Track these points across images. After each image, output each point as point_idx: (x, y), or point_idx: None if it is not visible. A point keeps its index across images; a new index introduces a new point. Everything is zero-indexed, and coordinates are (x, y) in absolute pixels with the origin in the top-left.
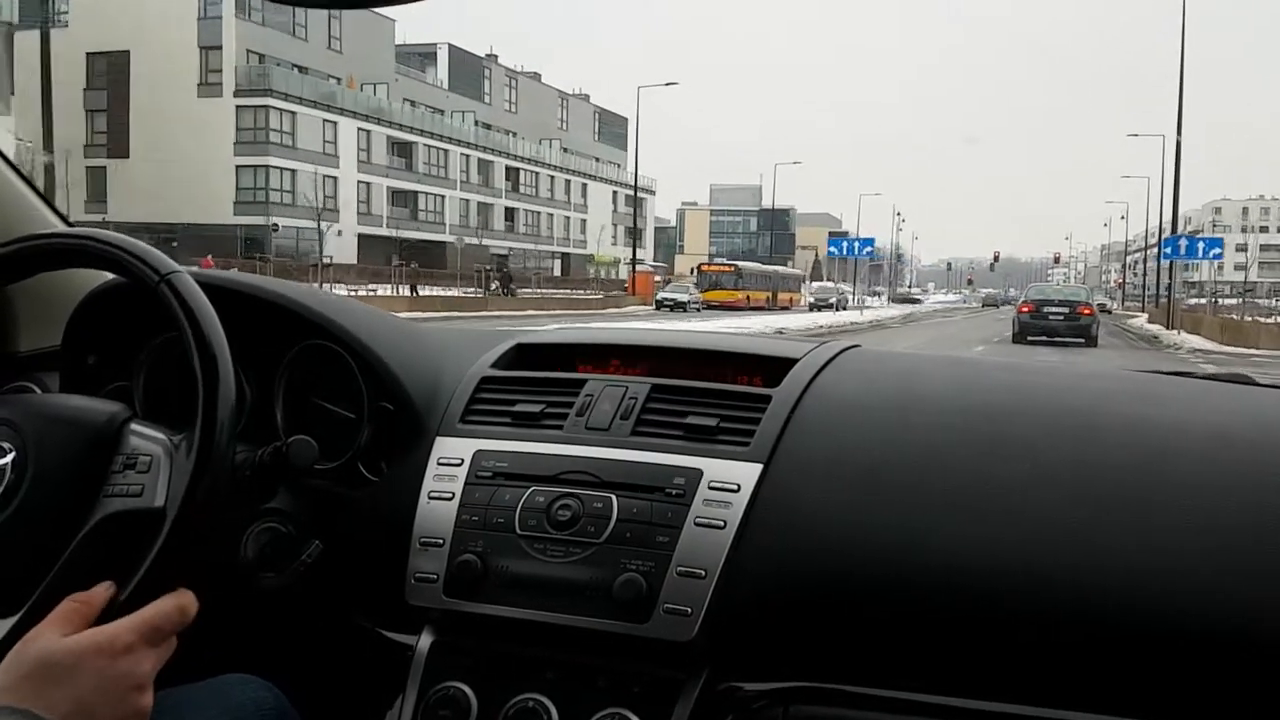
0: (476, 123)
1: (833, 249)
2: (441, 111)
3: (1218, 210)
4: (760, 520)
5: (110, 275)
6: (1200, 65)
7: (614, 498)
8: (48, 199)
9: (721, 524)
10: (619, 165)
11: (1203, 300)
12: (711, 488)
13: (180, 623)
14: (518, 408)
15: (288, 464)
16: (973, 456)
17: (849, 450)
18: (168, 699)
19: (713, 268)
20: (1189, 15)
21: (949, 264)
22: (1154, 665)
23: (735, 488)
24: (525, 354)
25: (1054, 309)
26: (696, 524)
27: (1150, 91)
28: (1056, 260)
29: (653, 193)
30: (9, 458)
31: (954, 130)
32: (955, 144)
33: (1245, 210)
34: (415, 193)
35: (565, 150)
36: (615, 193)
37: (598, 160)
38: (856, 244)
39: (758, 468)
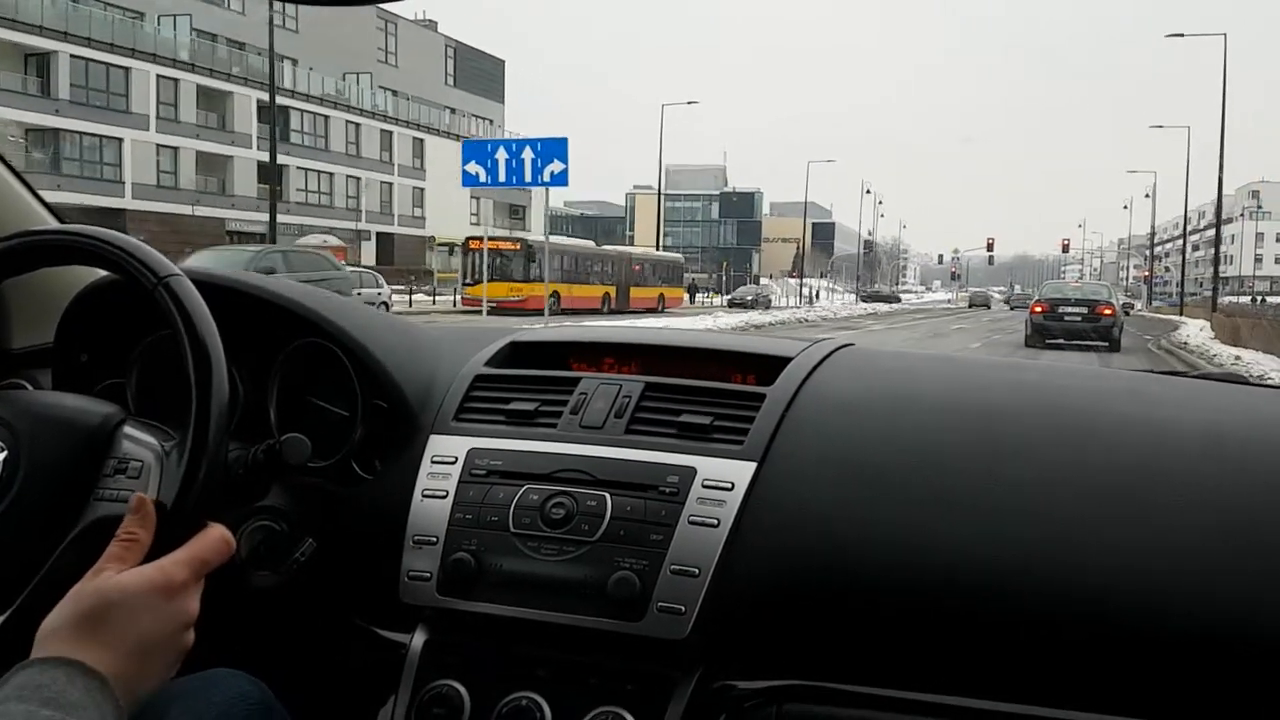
0: (197, 33)
1: (470, 158)
2: (139, 15)
3: (1255, 194)
4: (754, 518)
5: (103, 272)
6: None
7: (608, 496)
8: (40, 196)
9: (715, 522)
10: (491, 121)
11: (1242, 299)
12: (705, 486)
13: (226, 554)
14: (512, 406)
15: (281, 462)
16: (967, 455)
17: (843, 449)
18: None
19: (490, 244)
20: None
21: (940, 256)
22: (1149, 663)
23: (729, 486)
24: (519, 352)
25: (1071, 309)
26: (690, 522)
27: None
28: (1065, 248)
29: None
30: (1, 456)
31: (953, 125)
32: (954, 139)
33: None
34: (56, 131)
35: (393, 93)
36: None
37: (452, 111)
38: (510, 154)
39: (752, 466)
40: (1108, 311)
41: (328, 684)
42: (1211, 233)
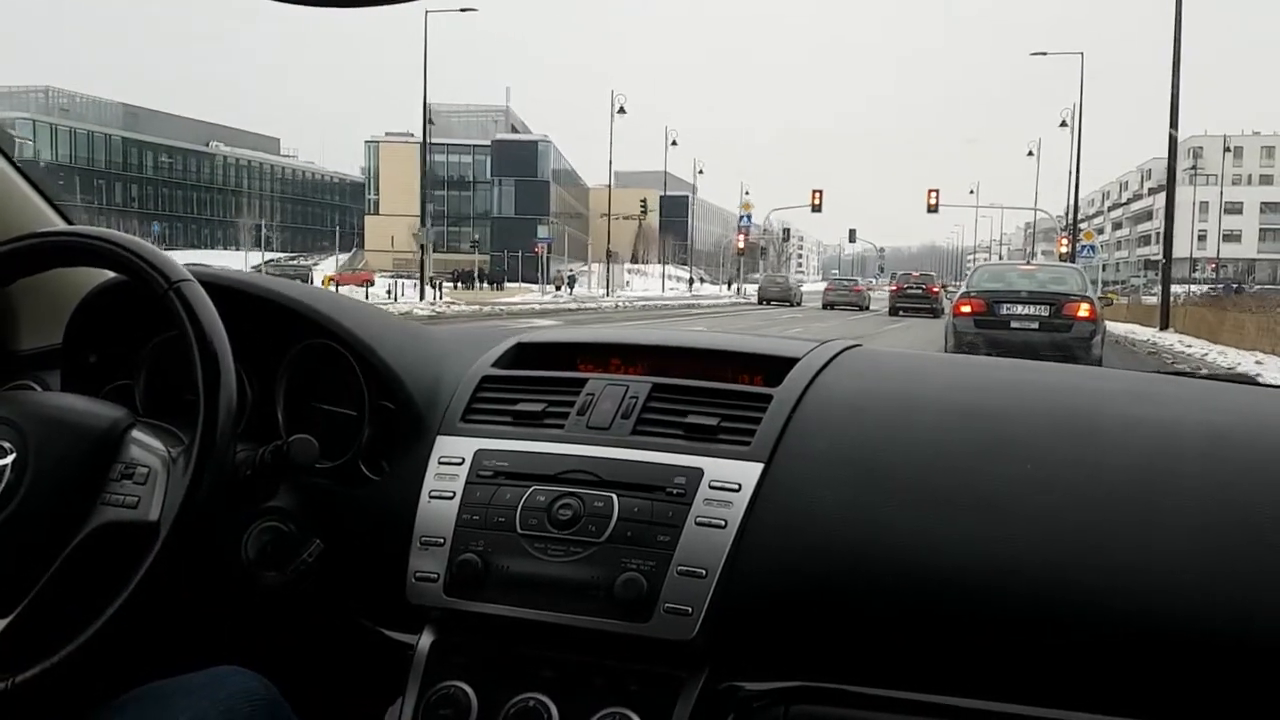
0: None
1: None
2: None
3: (1195, 153)
4: (761, 519)
5: (111, 273)
6: None
7: (615, 497)
8: (49, 198)
9: (722, 523)
10: None
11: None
12: (712, 487)
13: None
14: (519, 407)
15: (289, 463)
16: (973, 456)
17: (850, 450)
18: (158, 689)
19: None
20: None
21: (785, 230)
22: (1152, 665)
23: (736, 487)
24: (526, 353)
25: (1020, 309)
26: (697, 523)
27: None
28: (933, 206)
29: None
30: (9, 458)
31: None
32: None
33: (1240, 151)
34: None
35: None
36: None
37: None
38: None
39: (759, 467)
40: (1082, 313)
41: (335, 685)
42: (1139, 205)
